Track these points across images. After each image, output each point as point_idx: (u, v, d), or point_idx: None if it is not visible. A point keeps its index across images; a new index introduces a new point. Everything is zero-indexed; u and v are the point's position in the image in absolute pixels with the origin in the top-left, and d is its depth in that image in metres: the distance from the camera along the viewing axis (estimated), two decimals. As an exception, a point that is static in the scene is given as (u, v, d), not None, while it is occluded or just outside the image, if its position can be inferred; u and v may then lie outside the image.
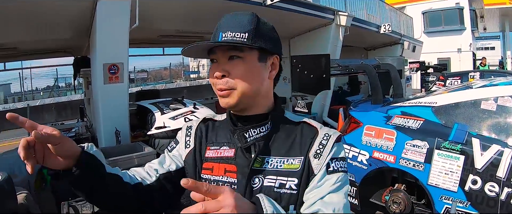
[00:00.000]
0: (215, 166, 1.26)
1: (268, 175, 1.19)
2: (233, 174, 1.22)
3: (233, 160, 1.24)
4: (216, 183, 1.23)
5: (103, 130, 7.09)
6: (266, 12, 8.63)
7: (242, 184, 1.19)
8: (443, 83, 11.94)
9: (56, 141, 1.01)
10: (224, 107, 1.23)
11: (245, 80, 1.17)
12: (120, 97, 7.15)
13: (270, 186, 1.18)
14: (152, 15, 6.97)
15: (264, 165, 1.21)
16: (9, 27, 7.54)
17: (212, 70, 1.20)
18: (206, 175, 1.27)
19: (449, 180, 3.55)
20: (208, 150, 1.31)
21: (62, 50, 11.85)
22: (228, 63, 1.17)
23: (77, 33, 8.44)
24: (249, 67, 1.18)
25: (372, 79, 5.17)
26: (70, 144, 1.08)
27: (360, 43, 15.99)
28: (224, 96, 1.19)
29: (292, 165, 1.20)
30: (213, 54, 1.20)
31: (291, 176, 1.18)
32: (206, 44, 1.15)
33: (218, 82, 1.18)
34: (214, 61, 1.21)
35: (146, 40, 11.81)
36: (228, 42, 1.14)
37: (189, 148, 1.35)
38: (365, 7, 13.73)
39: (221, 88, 1.18)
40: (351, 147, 4.55)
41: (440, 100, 4.09)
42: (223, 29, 1.16)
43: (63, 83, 27.20)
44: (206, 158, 1.30)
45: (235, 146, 1.25)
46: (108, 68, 6.67)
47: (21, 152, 0.96)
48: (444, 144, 3.65)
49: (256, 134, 1.22)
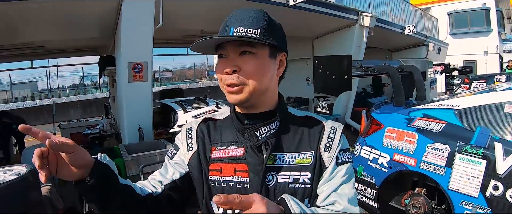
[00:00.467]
0: (223, 166, 1.24)
1: (281, 172, 1.20)
2: (244, 173, 1.21)
3: (244, 159, 1.22)
4: (226, 183, 1.22)
5: (127, 127, 7.22)
6: (289, 12, 8.64)
7: (256, 183, 1.19)
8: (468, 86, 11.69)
9: (70, 150, 1.00)
10: (233, 103, 1.22)
11: (257, 76, 1.16)
12: (144, 95, 7.28)
13: (285, 182, 1.19)
14: (176, 15, 7.05)
15: (277, 161, 1.21)
16: (37, 26, 7.73)
17: (220, 65, 1.18)
18: (214, 177, 1.25)
19: (470, 185, 3.44)
20: (214, 150, 1.28)
21: (88, 49, 12.10)
22: (239, 59, 1.15)
23: (103, 33, 8.61)
24: (261, 63, 1.17)
25: (394, 80, 5.12)
26: (84, 154, 1.06)
27: (384, 45, 15.83)
28: (234, 92, 1.16)
29: (304, 160, 1.22)
30: (222, 49, 1.18)
31: (303, 171, 1.21)
32: (218, 38, 1.14)
33: (228, 77, 1.16)
34: (223, 56, 1.18)
35: (171, 40, 11.95)
36: (244, 37, 1.12)
37: (192, 151, 1.31)
38: (389, 8, 13.57)
39: (231, 84, 1.15)
40: (371, 149, 4.47)
41: (462, 103, 3.97)
42: (234, 24, 1.14)
43: (89, 81, 27.72)
44: (212, 159, 1.27)
45: (243, 145, 1.24)
46: (132, 66, 6.79)
47: (36, 161, 0.97)
48: (466, 148, 3.52)
49: (266, 131, 1.21)
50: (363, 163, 4.53)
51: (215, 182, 1.24)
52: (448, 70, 14.58)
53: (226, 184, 1.22)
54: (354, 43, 10.96)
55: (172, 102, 8.21)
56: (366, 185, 4.46)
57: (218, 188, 1.23)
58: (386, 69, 5.40)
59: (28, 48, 10.05)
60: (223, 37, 1.14)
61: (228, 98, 1.20)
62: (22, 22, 7.28)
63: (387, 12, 13.41)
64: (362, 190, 4.54)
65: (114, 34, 8.09)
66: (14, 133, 9.63)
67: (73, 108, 20.56)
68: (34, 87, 26.98)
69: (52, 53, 11.99)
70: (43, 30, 8.23)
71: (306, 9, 9.05)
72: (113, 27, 7.81)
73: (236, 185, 1.21)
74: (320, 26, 11.30)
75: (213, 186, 1.24)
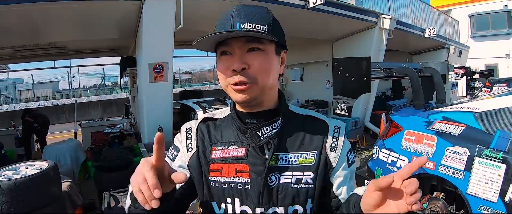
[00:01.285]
0: (224, 167, 1.21)
1: (284, 172, 1.19)
2: (246, 174, 1.18)
3: (245, 160, 1.19)
4: (226, 184, 1.19)
5: (147, 127, 7.33)
6: (308, 15, 8.66)
7: (258, 183, 1.16)
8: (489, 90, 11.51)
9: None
10: (240, 102, 1.16)
11: (266, 73, 1.13)
12: (164, 96, 7.38)
13: (287, 182, 1.18)
14: (196, 16, 7.11)
15: (279, 162, 1.19)
16: (59, 27, 7.89)
17: (225, 62, 1.12)
18: (214, 177, 1.21)
19: (489, 190, 3.39)
20: (214, 150, 1.24)
21: (110, 50, 12.27)
22: (247, 55, 1.10)
23: (124, 34, 8.73)
24: (269, 59, 1.14)
25: (414, 83, 5.09)
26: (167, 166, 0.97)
27: (404, 47, 15.71)
28: (243, 90, 1.11)
29: (307, 160, 1.21)
30: (225, 46, 1.11)
31: (306, 171, 1.20)
32: (229, 32, 1.06)
33: (235, 75, 1.10)
34: (227, 53, 1.12)
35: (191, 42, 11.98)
36: (257, 33, 1.06)
37: (191, 152, 1.27)
38: (409, 10, 13.44)
39: (241, 81, 1.10)
40: (390, 152, 4.46)
41: (482, 106, 3.90)
42: (241, 19, 1.09)
43: (109, 82, 27.99)
44: (212, 160, 1.23)
45: (245, 145, 1.21)
46: (153, 67, 6.89)
47: (152, 179, 0.89)
48: (485, 151, 3.47)
49: (268, 131, 1.18)
50: (382, 166, 4.52)
51: (215, 183, 1.21)
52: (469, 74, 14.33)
53: (227, 185, 1.19)
54: (373, 45, 10.92)
55: (192, 103, 8.28)
56: (385, 189, 4.44)
57: (219, 189, 1.20)
58: (406, 71, 5.37)
59: (50, 48, 10.27)
60: (238, 31, 1.07)
61: (234, 97, 1.15)
62: (44, 23, 7.45)
63: (407, 14, 13.27)
64: (380, 193, 4.52)
65: (135, 35, 8.19)
66: (35, 131, 9.83)
67: (94, 108, 20.85)
68: (55, 87, 27.43)
69: (74, 53, 12.23)
70: (65, 31, 8.40)
71: (325, 12, 9.04)
72: (134, 28, 7.91)
73: (237, 186, 1.19)
74: (339, 29, 11.26)
75: (213, 186, 1.21)
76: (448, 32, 17.10)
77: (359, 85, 5.30)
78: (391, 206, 0.96)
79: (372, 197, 0.98)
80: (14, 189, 3.53)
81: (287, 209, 1.18)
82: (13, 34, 8.00)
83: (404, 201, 0.93)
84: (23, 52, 10.23)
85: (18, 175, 3.76)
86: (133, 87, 10.36)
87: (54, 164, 4.09)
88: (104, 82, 27.16)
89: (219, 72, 1.16)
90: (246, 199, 1.18)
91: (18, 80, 25.70)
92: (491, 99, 4.14)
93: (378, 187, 0.94)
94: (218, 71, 1.16)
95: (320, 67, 13.63)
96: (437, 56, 15.68)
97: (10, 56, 10.82)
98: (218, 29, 1.12)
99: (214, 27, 1.16)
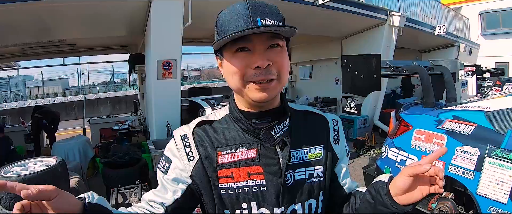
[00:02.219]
0: (234, 171, 1.15)
1: (297, 168, 1.18)
2: (260, 176, 1.14)
3: (257, 161, 1.14)
4: (240, 189, 1.14)
5: (155, 124, 7.37)
6: (317, 11, 8.63)
7: (275, 183, 1.13)
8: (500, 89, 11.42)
9: (51, 196, 0.87)
10: (261, 101, 1.09)
11: (286, 70, 1.10)
12: (173, 93, 7.42)
13: (302, 178, 1.19)
14: (205, 14, 7.10)
15: (292, 159, 1.18)
16: (68, 25, 7.95)
17: (244, 59, 1.05)
18: (225, 184, 1.15)
19: (499, 191, 3.32)
20: (221, 155, 1.16)
21: (118, 47, 12.34)
22: (268, 52, 1.05)
23: (133, 31, 8.78)
24: (287, 56, 1.11)
25: (424, 81, 5.04)
26: (68, 198, 0.93)
27: (414, 45, 15.62)
28: (265, 88, 1.06)
29: (315, 154, 1.23)
30: (245, 42, 1.04)
31: (317, 165, 1.22)
32: (264, 27, 1.00)
33: (259, 73, 1.04)
34: (246, 49, 1.05)
35: (199, 39, 12.06)
36: (290, 27, 1.02)
37: (194, 160, 1.17)
38: (419, 7, 13.34)
39: (264, 79, 1.05)
40: (399, 150, 4.42)
41: (493, 105, 3.84)
42: (260, 15, 1.02)
43: (119, 79, 28.16)
44: (220, 165, 1.16)
45: (254, 146, 1.16)
46: (162, 64, 6.92)
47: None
48: (496, 151, 3.41)
49: (280, 130, 1.14)
50: (391, 164, 4.49)
51: (227, 190, 1.15)
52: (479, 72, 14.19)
53: (240, 190, 1.14)
54: (383, 43, 10.85)
55: (200, 100, 8.31)
56: (393, 187, 4.40)
57: (232, 196, 1.15)
58: (416, 69, 5.33)
59: (60, 45, 10.33)
60: (273, 26, 1.01)
61: (254, 96, 1.08)
62: (54, 21, 7.51)
63: (417, 12, 13.18)
64: (389, 192, 4.49)
65: (144, 32, 8.23)
66: (44, 128, 9.90)
67: (103, 105, 21.03)
68: (65, 84, 27.65)
69: (83, 50, 12.31)
70: (74, 28, 8.46)
71: (334, 8, 9.01)
72: (143, 25, 7.95)
73: (252, 189, 1.14)
74: (349, 26, 11.23)
75: (225, 194, 1.15)
76: (458, 29, 16.96)
77: (368, 82, 5.25)
78: (416, 191, 1.07)
79: (405, 182, 1.05)
80: (23, 186, 3.55)
81: (304, 205, 1.19)
82: (22, 31, 8.06)
83: (429, 186, 1.05)
84: (33, 49, 10.32)
85: (26, 171, 3.81)
86: (142, 84, 10.44)
87: (62, 161, 4.12)
88: (113, 79, 27.34)
89: (233, 70, 1.08)
90: (264, 202, 1.14)
91: (28, 77, 25.89)
92: (502, 98, 4.09)
93: (413, 173, 1.02)
94: (231, 70, 1.08)
95: (329, 64, 13.61)
96: (447, 54, 15.57)
97: (20, 53, 10.92)
98: (231, 25, 1.04)
99: (219, 26, 1.09)
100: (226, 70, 1.11)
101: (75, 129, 12.51)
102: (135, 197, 4.67)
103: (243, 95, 1.12)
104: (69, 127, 14.81)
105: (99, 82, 27.97)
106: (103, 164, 5.93)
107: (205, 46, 14.27)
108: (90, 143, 8.11)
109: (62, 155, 5.80)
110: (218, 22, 1.10)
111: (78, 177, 4.75)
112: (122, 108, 20.68)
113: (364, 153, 8.89)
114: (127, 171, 5.62)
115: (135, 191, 4.78)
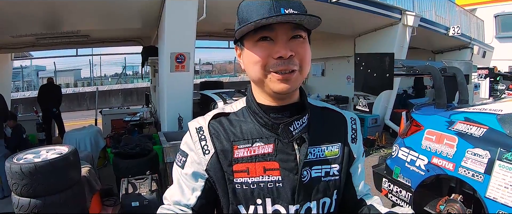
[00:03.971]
0: (250, 166, 1.13)
1: (314, 166, 1.17)
2: (276, 172, 1.12)
3: (274, 156, 1.13)
4: (255, 185, 1.13)
5: (167, 116, 7.42)
6: (331, 9, 8.62)
7: (291, 180, 1.12)
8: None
9: None
10: (282, 92, 1.08)
11: (308, 62, 1.09)
12: (185, 85, 7.46)
13: (318, 176, 1.17)
14: (219, 8, 7.12)
15: (309, 156, 1.16)
16: (81, 16, 7.99)
17: (266, 49, 1.04)
18: (240, 179, 1.13)
19: (508, 195, 3.29)
20: (236, 149, 1.14)
21: (132, 39, 12.40)
22: (291, 43, 1.04)
23: (146, 24, 8.84)
24: (309, 48, 1.10)
25: (436, 82, 5.01)
26: None
27: (428, 46, 15.54)
28: (287, 79, 1.05)
29: (332, 152, 1.21)
30: (268, 31, 1.03)
31: (333, 163, 1.20)
32: (296, 15, 0.99)
33: (281, 62, 1.03)
34: (268, 39, 1.04)
35: (212, 33, 12.09)
36: (315, 16, 1.00)
37: (209, 154, 1.16)
38: (434, 7, 13.25)
39: (286, 69, 1.04)
40: (410, 150, 4.40)
41: (506, 108, 3.81)
42: (284, 5, 1.01)
43: (131, 71, 28.37)
44: (236, 159, 1.14)
45: (271, 141, 1.14)
46: (175, 57, 6.95)
47: None
48: (506, 155, 3.37)
49: (299, 126, 1.12)
50: (400, 164, 4.48)
51: (242, 185, 1.13)
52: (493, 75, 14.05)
53: (256, 185, 1.13)
54: (396, 42, 10.80)
55: (212, 93, 8.34)
56: (402, 188, 4.41)
57: (247, 191, 1.13)
58: (429, 69, 5.30)
59: (73, 36, 10.41)
60: (299, 15, 0.99)
61: (275, 88, 1.07)
62: (68, 12, 7.61)
63: (431, 12, 13.08)
64: (397, 192, 4.49)
65: (158, 24, 8.27)
66: (54, 116, 10.05)
67: (115, 96, 21.22)
68: (77, 75, 27.88)
69: (97, 42, 12.38)
70: (88, 20, 8.52)
71: (348, 6, 9.01)
72: (157, 18, 8.00)
73: (268, 185, 1.12)
74: (362, 24, 11.19)
75: (239, 189, 1.14)
76: (473, 31, 16.80)
77: (381, 81, 5.23)
78: None
79: None
80: (34, 172, 3.62)
81: (319, 203, 1.17)
82: (35, 22, 8.16)
83: None
84: (46, 40, 10.41)
85: (39, 159, 3.87)
86: (154, 77, 10.48)
87: (74, 149, 4.18)
88: (125, 71, 27.52)
89: (255, 60, 1.06)
90: (278, 198, 1.12)
91: (40, 67, 26.13)
92: (515, 101, 4.06)
93: None
94: (253, 59, 1.07)
95: (341, 62, 13.59)
96: (461, 55, 15.40)
97: (33, 43, 11.00)
98: (254, 14, 1.02)
99: (241, 14, 1.07)
100: (247, 60, 1.10)
101: (87, 120, 12.61)
102: (144, 188, 4.72)
103: (264, 86, 1.10)
104: (81, 117, 14.96)
105: (111, 74, 28.20)
106: (114, 154, 5.97)
107: (218, 40, 14.29)
108: (101, 134, 8.17)
109: (73, 144, 5.86)
110: (240, 10, 1.08)
111: (89, 166, 4.81)
112: (134, 100, 20.89)
113: (374, 152, 8.89)
114: (137, 161, 5.66)
115: (145, 181, 4.83)
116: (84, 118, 14.29)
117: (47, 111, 9.90)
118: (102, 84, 24.46)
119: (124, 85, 23.41)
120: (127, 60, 25.66)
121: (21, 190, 3.64)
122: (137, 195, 4.61)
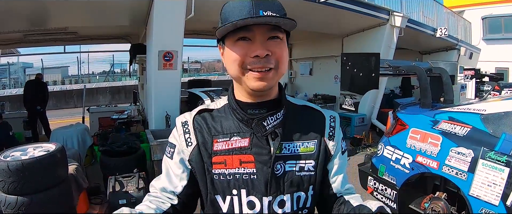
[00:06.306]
0: (227, 158, 1.21)
1: (288, 160, 1.22)
2: (251, 164, 1.19)
3: (249, 150, 1.20)
4: (231, 176, 1.20)
5: (154, 114, 7.42)
6: (319, 9, 8.66)
7: (264, 172, 1.18)
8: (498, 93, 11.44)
9: None
10: (258, 90, 1.14)
11: (285, 61, 1.15)
12: (173, 83, 7.47)
13: (292, 170, 1.22)
14: (207, 6, 7.12)
15: (283, 150, 1.22)
16: (70, 12, 7.95)
17: (243, 48, 1.11)
18: (218, 170, 1.21)
19: (491, 193, 3.35)
20: (216, 142, 1.23)
21: (120, 37, 12.34)
22: (268, 43, 1.10)
23: (135, 21, 8.81)
24: (286, 49, 1.17)
25: (422, 82, 5.06)
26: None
27: (415, 46, 15.70)
28: (263, 77, 1.11)
29: (308, 148, 1.26)
30: (246, 32, 1.09)
31: (308, 159, 1.25)
32: (266, 18, 1.06)
33: (257, 61, 1.09)
34: (246, 39, 1.10)
35: (201, 31, 12.09)
36: (290, 19, 1.06)
37: (191, 146, 1.25)
38: (421, 9, 13.38)
39: (265, 67, 1.10)
40: (395, 149, 4.44)
41: (489, 108, 3.86)
42: (263, 8, 1.07)
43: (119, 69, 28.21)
44: (215, 152, 1.22)
45: (248, 135, 1.21)
46: (163, 55, 6.95)
47: None
48: (489, 154, 3.43)
49: (273, 121, 1.19)
50: (386, 163, 4.52)
51: (219, 176, 1.21)
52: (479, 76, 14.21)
53: (232, 177, 1.20)
54: (384, 42, 10.89)
55: (200, 92, 8.35)
56: (387, 186, 4.44)
57: (223, 181, 1.20)
58: (414, 69, 5.36)
59: (61, 33, 10.32)
60: (275, 17, 1.06)
61: (252, 85, 1.13)
62: (56, 8, 7.54)
63: (419, 13, 13.21)
64: (383, 190, 4.52)
65: (146, 22, 8.25)
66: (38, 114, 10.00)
67: (102, 94, 21.12)
68: (64, 72, 27.59)
69: (85, 39, 12.30)
70: (76, 16, 8.46)
71: (336, 6, 9.06)
72: (145, 15, 7.98)
73: (243, 177, 1.19)
74: (350, 24, 11.24)
75: (217, 179, 1.21)
76: (460, 33, 16.96)
77: (367, 81, 5.29)
78: None
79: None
80: (22, 170, 3.59)
81: (293, 196, 1.22)
82: (23, 18, 8.09)
83: None
84: (34, 36, 10.31)
85: (26, 156, 3.83)
86: (142, 74, 10.44)
87: (61, 147, 4.15)
88: (113, 69, 27.39)
89: (233, 58, 1.13)
90: (253, 189, 1.19)
91: (27, 64, 25.82)
92: (498, 102, 4.11)
93: None
94: (232, 58, 1.13)
95: (329, 62, 13.63)
96: (448, 56, 15.56)
97: (20, 40, 10.89)
98: (234, 15, 1.09)
99: (223, 15, 1.15)
100: (227, 58, 1.16)
101: (74, 117, 12.52)
102: (132, 185, 4.72)
103: (242, 83, 1.18)
104: (68, 115, 14.85)
105: (99, 72, 28.02)
106: (101, 152, 5.95)
107: (206, 38, 14.28)
108: (88, 131, 8.12)
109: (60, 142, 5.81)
110: (223, 11, 1.15)
111: (76, 164, 4.78)
112: (121, 98, 20.74)
113: (361, 151, 8.94)
114: (125, 159, 5.64)
115: (132, 179, 4.83)
116: (71, 116, 14.18)
117: (32, 108, 9.82)
118: (89, 81, 24.23)
119: (112, 83, 23.29)
120: (115, 58, 25.58)
121: (8, 188, 3.62)
122: (124, 193, 4.61)
